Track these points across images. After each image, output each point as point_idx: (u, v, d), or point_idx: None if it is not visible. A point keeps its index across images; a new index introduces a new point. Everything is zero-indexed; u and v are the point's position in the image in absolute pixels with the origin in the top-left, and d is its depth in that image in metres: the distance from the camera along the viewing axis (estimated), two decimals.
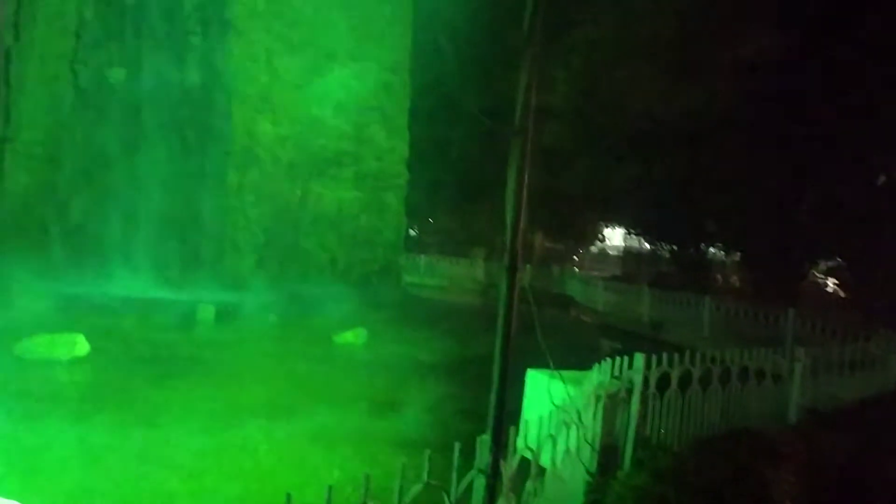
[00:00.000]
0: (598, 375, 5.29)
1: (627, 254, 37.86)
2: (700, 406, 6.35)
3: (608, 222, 34.40)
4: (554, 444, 4.18)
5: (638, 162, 22.27)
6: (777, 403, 7.50)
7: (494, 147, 18.58)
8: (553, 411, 4.31)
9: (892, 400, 9.05)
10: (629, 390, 5.55)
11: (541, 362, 4.91)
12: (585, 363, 5.51)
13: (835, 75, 17.13)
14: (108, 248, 17.33)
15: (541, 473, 3.90)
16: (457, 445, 3.05)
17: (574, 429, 4.59)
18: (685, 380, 6.17)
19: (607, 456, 5.24)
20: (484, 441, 3.22)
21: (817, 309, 16.20)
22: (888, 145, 17.31)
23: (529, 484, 3.82)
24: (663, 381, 5.90)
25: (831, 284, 24.44)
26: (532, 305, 3.60)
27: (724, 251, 27.88)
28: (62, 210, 17.92)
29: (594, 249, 41.25)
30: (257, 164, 18.35)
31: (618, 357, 5.49)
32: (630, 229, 31.50)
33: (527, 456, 3.75)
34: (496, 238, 23.96)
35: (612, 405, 5.37)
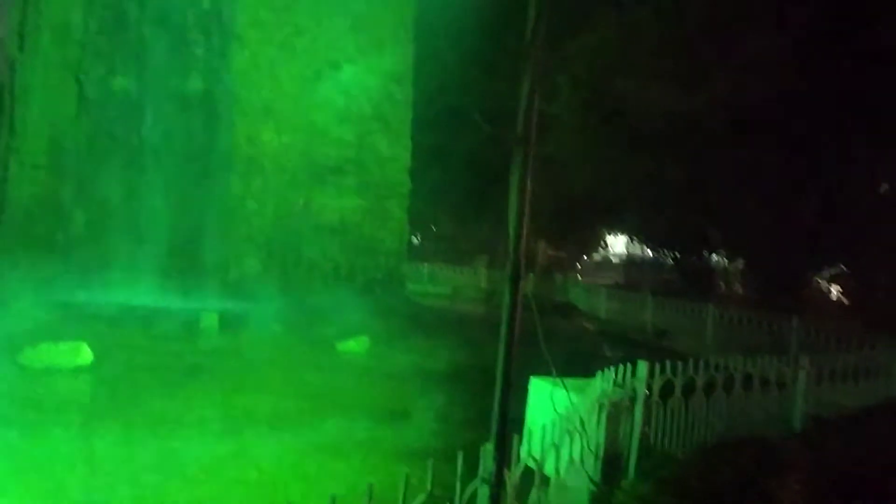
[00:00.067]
0: (602, 383, 5.27)
1: (630, 261, 37.88)
2: (704, 414, 6.33)
3: (611, 230, 34.41)
4: (557, 453, 4.16)
5: (641, 168, 22.26)
6: (782, 411, 7.47)
7: (497, 155, 18.58)
8: (556, 420, 4.30)
9: None
10: (633, 398, 5.54)
11: (544, 370, 4.90)
12: (589, 371, 5.49)
13: (837, 79, 17.13)
14: (112, 257, 17.37)
15: (545, 482, 3.89)
16: (460, 454, 3.04)
17: (577, 437, 4.57)
18: (689, 388, 6.15)
19: (611, 464, 5.22)
20: (487, 450, 3.21)
21: (821, 316, 16.16)
22: (893, 151, 17.30)
23: (533, 493, 3.81)
24: (667, 389, 5.89)
25: (835, 291, 24.41)
26: (535, 313, 3.60)
27: (728, 258, 27.87)
28: (66, 219, 17.97)
29: (597, 257, 41.23)
30: (260, 173, 18.40)
31: (621, 365, 5.47)
32: (633, 236, 31.50)
33: (530, 465, 3.74)
34: (499, 246, 23.94)
35: (616, 413, 5.36)
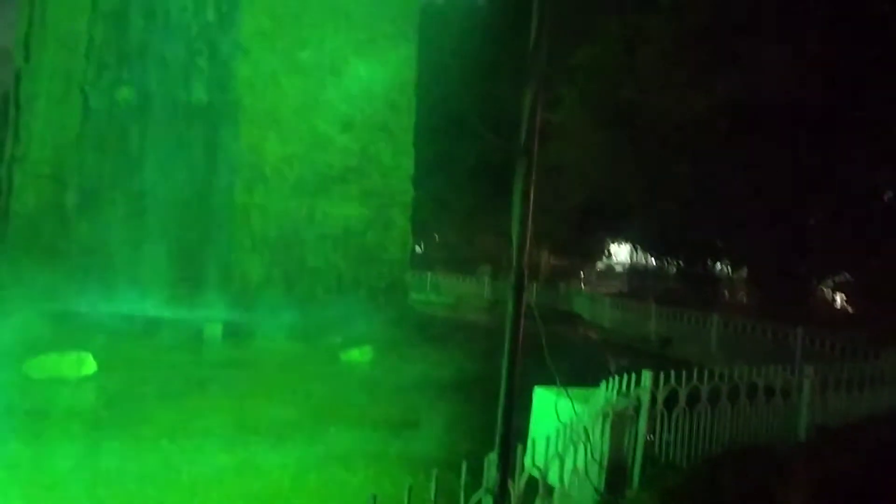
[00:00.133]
0: (606, 393, 5.26)
1: (634, 270, 37.82)
2: (709, 423, 6.31)
3: (615, 238, 34.39)
4: (562, 463, 4.15)
5: (645, 177, 22.27)
6: (787, 421, 7.44)
7: (500, 163, 18.62)
8: (561, 429, 4.29)
9: None
10: (637, 408, 5.52)
11: (548, 380, 4.89)
12: (593, 380, 5.48)
13: (843, 89, 17.11)
14: (116, 267, 17.37)
15: (549, 492, 3.87)
16: (464, 465, 3.03)
17: (582, 447, 4.56)
18: (693, 397, 6.13)
19: (616, 474, 5.20)
20: (491, 460, 3.21)
21: (826, 325, 16.11)
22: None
23: (538, 503, 3.80)
24: (671, 399, 5.87)
25: (839, 300, 24.35)
26: (539, 323, 3.60)
27: (731, 267, 27.82)
28: (70, 229, 17.99)
29: (600, 266, 41.20)
30: (264, 182, 18.44)
31: (625, 374, 5.46)
32: (636, 245, 31.47)
33: (535, 475, 3.73)
34: (503, 255, 23.94)
35: (620, 423, 5.34)
